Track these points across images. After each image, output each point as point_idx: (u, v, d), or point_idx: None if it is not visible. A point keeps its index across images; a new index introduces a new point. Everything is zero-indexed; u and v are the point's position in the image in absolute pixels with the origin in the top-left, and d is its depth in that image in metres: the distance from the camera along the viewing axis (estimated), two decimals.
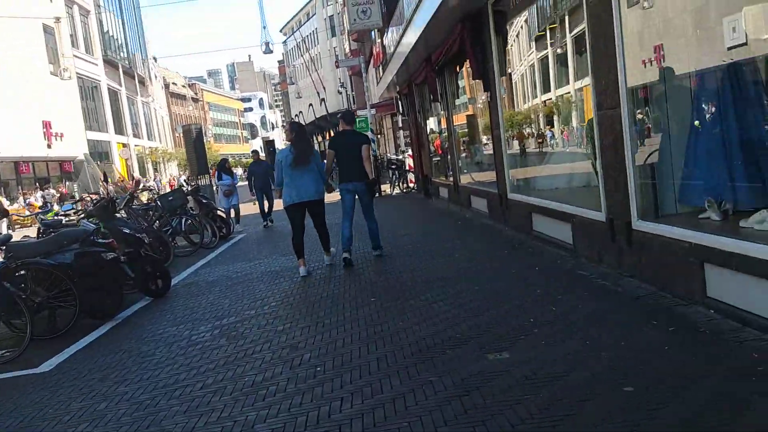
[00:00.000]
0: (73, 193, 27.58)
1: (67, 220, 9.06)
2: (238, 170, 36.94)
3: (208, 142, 73.00)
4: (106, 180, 32.19)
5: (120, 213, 9.88)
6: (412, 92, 16.36)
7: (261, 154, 19.16)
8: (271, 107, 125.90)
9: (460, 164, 12.28)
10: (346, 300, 5.66)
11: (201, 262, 9.46)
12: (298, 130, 7.41)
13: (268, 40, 34.61)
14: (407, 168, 19.67)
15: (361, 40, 33.98)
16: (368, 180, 7.24)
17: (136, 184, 28.01)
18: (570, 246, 6.29)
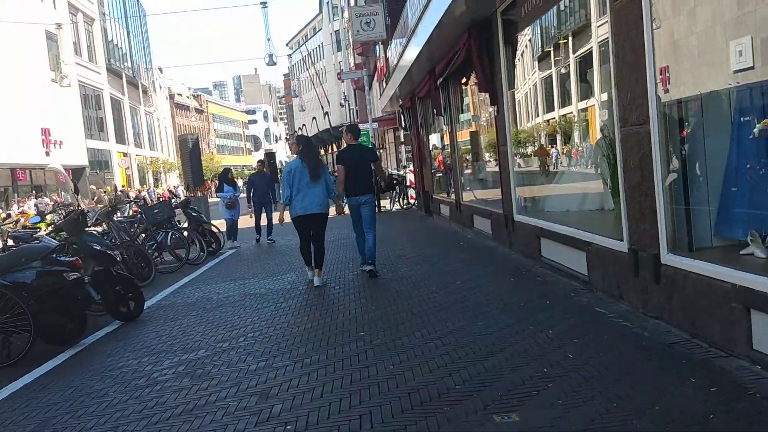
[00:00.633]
0: (67, 203, 26.89)
1: (37, 234, 8.42)
2: (239, 182, 36.31)
3: (210, 153, 73.22)
4: (77, 191, 30.77)
5: (102, 226, 9.31)
6: (414, 106, 15.79)
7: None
8: (275, 120, 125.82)
9: (463, 181, 11.67)
10: (332, 333, 5.03)
11: (184, 279, 8.85)
12: (306, 143, 7.56)
13: (272, 53, 34.40)
14: (408, 183, 19.12)
15: (365, 54, 33.66)
16: (383, 184, 7.07)
17: (122, 197, 26.43)
18: (584, 277, 5.64)
